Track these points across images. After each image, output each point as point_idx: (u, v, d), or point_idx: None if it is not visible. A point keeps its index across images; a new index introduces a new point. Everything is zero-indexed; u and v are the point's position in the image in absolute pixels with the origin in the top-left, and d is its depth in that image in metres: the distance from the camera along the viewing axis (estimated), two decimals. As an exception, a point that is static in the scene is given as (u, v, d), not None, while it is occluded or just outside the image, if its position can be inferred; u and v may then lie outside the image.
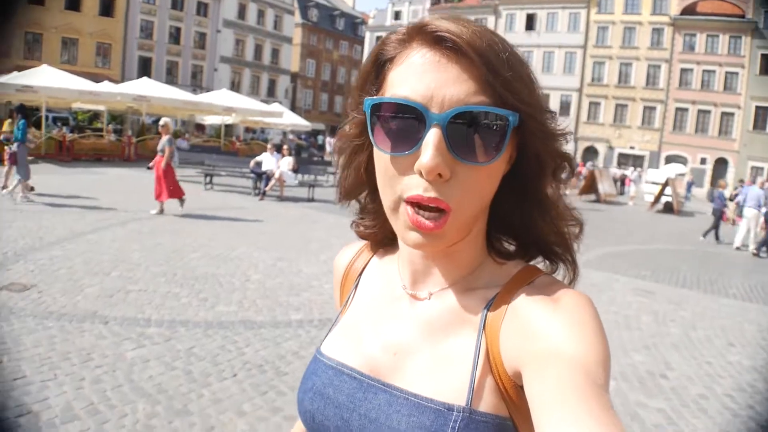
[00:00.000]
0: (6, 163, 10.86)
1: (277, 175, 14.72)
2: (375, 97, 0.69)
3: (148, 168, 11.30)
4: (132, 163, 20.69)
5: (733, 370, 5.30)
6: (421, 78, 0.65)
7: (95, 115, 27.53)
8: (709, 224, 15.63)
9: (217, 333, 4.94)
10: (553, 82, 46.21)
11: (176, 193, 10.68)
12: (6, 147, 9.18)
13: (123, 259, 7.09)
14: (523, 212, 0.76)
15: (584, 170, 31.05)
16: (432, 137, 0.63)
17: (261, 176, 15.09)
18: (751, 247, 13.57)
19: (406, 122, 0.65)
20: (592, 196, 24.38)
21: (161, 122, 11.17)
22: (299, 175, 16.20)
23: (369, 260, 0.92)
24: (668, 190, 22.46)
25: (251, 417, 3.56)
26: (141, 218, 10.10)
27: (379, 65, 0.72)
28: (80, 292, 5.69)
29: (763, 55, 39.47)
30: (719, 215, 15.41)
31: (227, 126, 29.33)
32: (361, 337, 0.82)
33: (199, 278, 6.58)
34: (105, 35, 38.88)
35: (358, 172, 0.80)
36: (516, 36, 47.10)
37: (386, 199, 0.70)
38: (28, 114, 11.29)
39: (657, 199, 22.75)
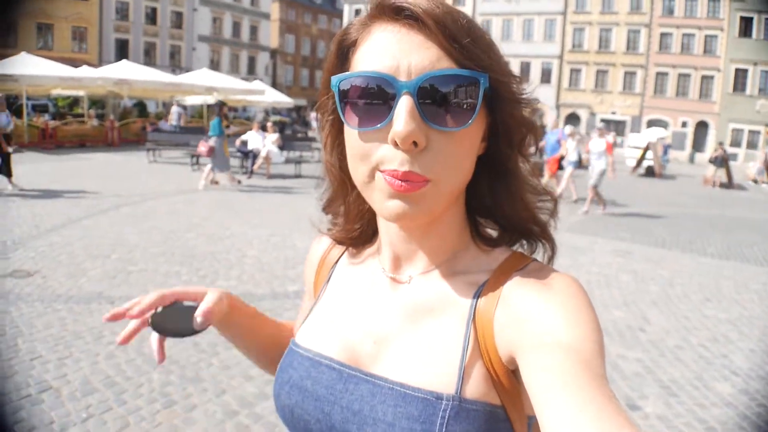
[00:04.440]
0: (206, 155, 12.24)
1: (263, 153, 14.78)
2: (342, 74, 0.67)
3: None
4: (116, 148, 20.63)
5: (709, 323, 5.62)
6: (386, 50, 0.64)
7: (75, 101, 27.19)
8: (692, 186, 16.02)
9: (220, 307, 5.17)
10: (534, 50, 46.18)
11: None
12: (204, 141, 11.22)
13: (121, 242, 7.26)
14: (494, 190, 0.75)
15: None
16: (404, 105, 0.62)
17: (248, 155, 15.11)
18: None
19: (376, 95, 0.64)
20: (576, 163, 24.74)
21: None
22: (285, 152, 16.28)
23: (344, 252, 0.90)
24: (649, 154, 22.84)
25: (259, 381, 3.82)
26: (134, 202, 10.22)
27: (343, 54, 0.70)
28: (83, 275, 5.87)
29: (741, 17, 39.55)
30: None
31: (209, 106, 29.16)
32: (339, 325, 0.79)
33: (196, 256, 6.78)
34: (80, 19, 38.31)
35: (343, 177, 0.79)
36: (495, 4, 46.96)
37: (359, 173, 0.68)
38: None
39: (639, 163, 23.11)
